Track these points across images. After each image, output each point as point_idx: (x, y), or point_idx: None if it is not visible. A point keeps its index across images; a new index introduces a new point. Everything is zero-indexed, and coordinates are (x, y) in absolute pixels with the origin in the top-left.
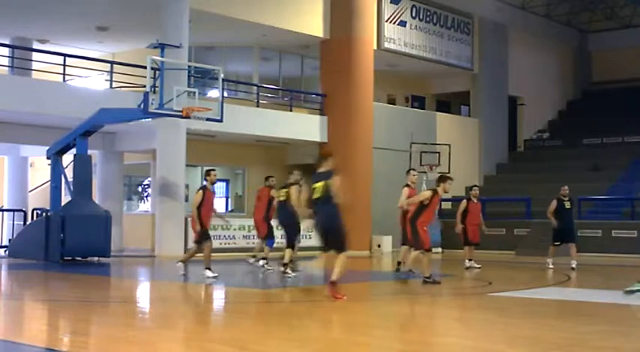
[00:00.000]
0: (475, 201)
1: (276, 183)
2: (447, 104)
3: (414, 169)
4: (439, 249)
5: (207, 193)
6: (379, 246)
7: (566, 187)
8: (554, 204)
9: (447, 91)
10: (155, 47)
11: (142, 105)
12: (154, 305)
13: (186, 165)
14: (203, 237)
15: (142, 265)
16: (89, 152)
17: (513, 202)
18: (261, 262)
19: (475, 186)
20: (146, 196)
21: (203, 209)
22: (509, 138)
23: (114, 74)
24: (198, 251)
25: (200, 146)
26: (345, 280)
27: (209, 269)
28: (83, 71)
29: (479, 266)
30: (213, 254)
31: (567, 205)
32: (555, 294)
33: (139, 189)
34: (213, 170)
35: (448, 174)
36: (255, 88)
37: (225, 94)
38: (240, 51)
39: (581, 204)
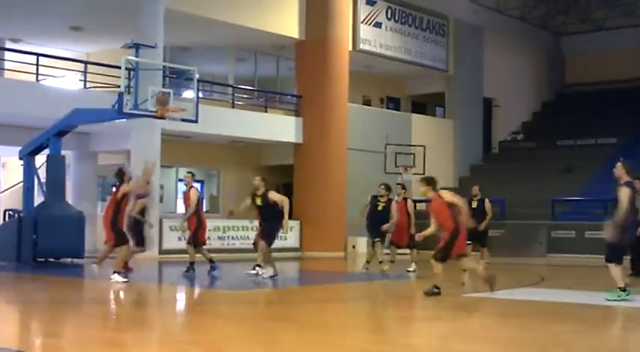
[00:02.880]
0: (399, 200)
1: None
2: (422, 105)
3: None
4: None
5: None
6: (354, 246)
7: (476, 187)
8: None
9: (422, 93)
10: (130, 47)
11: (116, 106)
12: (128, 306)
13: (161, 166)
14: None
15: None
16: (63, 152)
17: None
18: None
19: (398, 183)
20: None
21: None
22: (483, 139)
23: (88, 74)
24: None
25: (175, 147)
26: (320, 281)
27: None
28: (57, 71)
29: (413, 269)
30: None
31: (474, 204)
32: (530, 295)
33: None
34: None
35: None
36: (231, 88)
37: (201, 95)
38: (215, 51)
39: (555, 205)
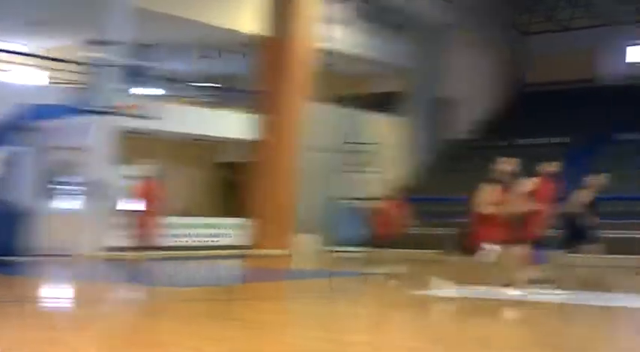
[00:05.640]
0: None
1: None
2: (381, 104)
3: None
4: None
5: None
6: (305, 245)
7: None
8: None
9: (382, 91)
10: (91, 43)
11: (74, 102)
12: (72, 306)
13: (117, 163)
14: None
15: (61, 264)
16: (16, 148)
17: (442, 202)
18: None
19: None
20: (73, 194)
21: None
22: (441, 138)
23: (47, 70)
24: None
25: (132, 143)
26: (266, 279)
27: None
28: (15, 66)
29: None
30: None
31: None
32: (485, 293)
33: (66, 186)
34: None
35: None
36: (192, 85)
37: (160, 92)
38: (178, 48)
39: None
